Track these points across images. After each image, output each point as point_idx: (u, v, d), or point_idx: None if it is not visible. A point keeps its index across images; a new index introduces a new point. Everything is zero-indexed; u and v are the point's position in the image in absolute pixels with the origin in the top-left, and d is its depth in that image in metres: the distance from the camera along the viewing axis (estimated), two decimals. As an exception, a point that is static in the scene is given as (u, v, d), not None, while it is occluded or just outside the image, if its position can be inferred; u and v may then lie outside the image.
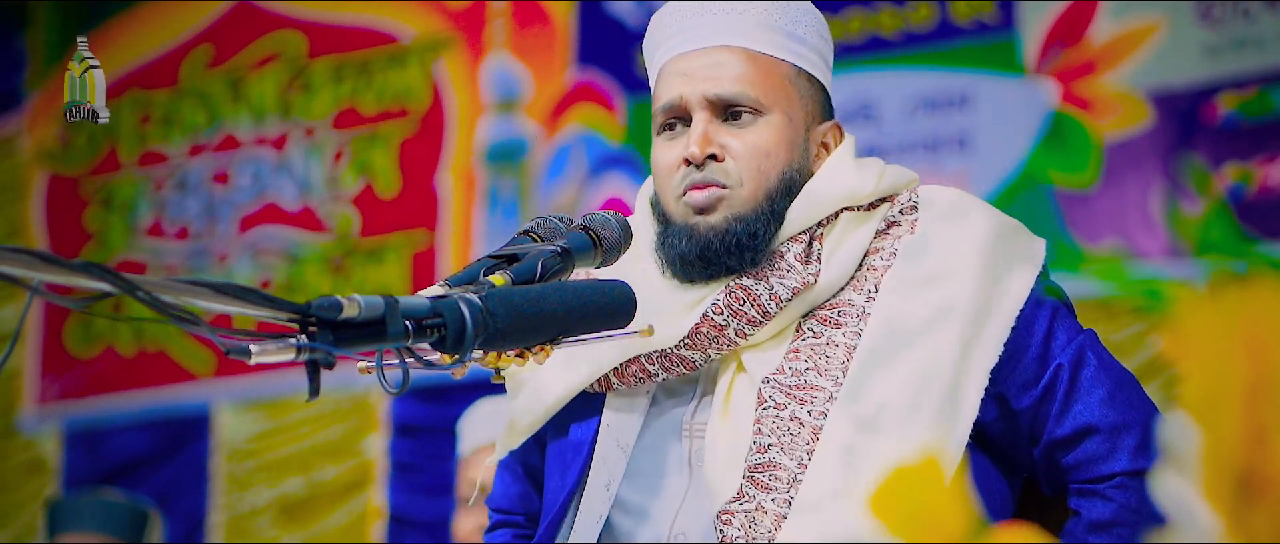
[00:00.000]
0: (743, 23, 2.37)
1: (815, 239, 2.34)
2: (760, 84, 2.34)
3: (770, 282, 2.29)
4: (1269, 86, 4.52)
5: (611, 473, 2.33)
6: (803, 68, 2.38)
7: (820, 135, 2.39)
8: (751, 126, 2.34)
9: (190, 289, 1.77)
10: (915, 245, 2.31)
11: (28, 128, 6.44)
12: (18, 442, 6.28)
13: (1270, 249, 4.39)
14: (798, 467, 2.22)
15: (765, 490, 2.22)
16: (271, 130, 6.06)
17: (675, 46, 2.40)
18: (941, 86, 4.92)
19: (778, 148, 2.33)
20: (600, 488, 2.33)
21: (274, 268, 5.98)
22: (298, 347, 1.81)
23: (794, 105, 2.36)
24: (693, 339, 2.29)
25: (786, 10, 2.39)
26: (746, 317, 2.28)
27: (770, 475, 2.22)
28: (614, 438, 2.35)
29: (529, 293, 2.02)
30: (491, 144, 5.66)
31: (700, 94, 2.34)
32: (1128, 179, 4.64)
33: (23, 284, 1.70)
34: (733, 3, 2.38)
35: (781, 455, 2.23)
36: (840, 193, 2.34)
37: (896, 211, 2.34)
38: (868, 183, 2.34)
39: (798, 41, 2.38)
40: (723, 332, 2.28)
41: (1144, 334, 4.57)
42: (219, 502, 5.94)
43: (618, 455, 2.34)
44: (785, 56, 2.37)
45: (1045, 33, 4.80)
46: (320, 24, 6.01)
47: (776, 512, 2.20)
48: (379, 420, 5.71)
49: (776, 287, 2.29)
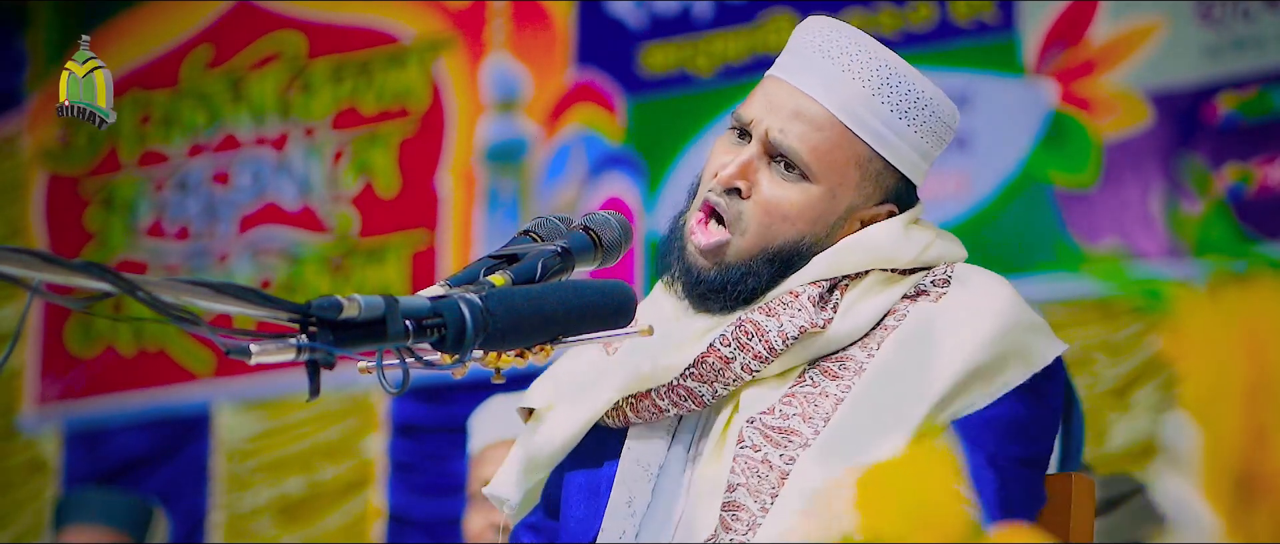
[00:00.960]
0: (848, 85, 2.33)
1: (837, 288, 2.32)
2: (823, 153, 2.31)
3: (781, 319, 2.28)
4: (1269, 86, 4.52)
5: (633, 491, 2.33)
6: (882, 154, 2.34)
7: (867, 215, 2.35)
8: (791, 184, 2.31)
9: (190, 289, 1.77)
10: (931, 314, 2.28)
11: (28, 128, 6.44)
12: (18, 442, 6.28)
13: (1270, 249, 4.40)
14: (760, 510, 2.21)
15: (728, 529, 2.22)
16: (271, 130, 6.06)
17: (785, 66, 2.39)
18: (941, 86, 4.91)
19: (800, 217, 2.31)
20: (622, 505, 2.33)
21: (274, 268, 5.98)
22: (298, 347, 1.82)
23: (847, 186, 2.33)
24: (698, 370, 2.28)
25: (904, 92, 2.35)
26: (753, 351, 2.27)
27: (734, 515, 2.22)
28: (635, 457, 2.34)
29: (529, 293, 2.02)
30: (491, 144, 5.66)
31: (765, 128, 2.32)
32: (1128, 179, 4.64)
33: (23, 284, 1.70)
34: (854, 61, 2.34)
35: (747, 497, 2.23)
36: (878, 253, 2.32)
37: (929, 282, 2.31)
38: (908, 251, 2.32)
39: (893, 128, 2.33)
40: (729, 365, 2.27)
41: (1144, 334, 4.57)
42: (219, 502, 5.94)
43: (638, 473, 2.33)
44: (867, 137, 2.32)
45: (1045, 33, 4.80)
46: (320, 24, 6.01)
47: None
48: (379, 420, 5.71)
49: (786, 324, 2.27)
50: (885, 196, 2.36)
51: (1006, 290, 2.30)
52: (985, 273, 2.34)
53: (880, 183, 2.35)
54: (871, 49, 2.36)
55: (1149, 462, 4.43)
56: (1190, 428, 1.07)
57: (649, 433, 2.35)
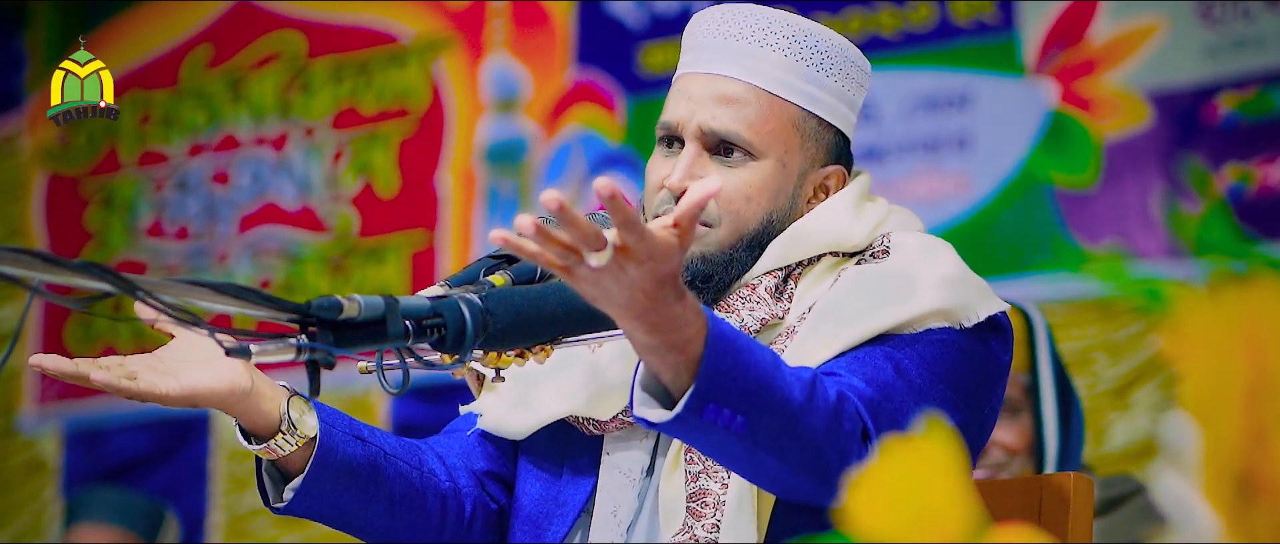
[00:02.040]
0: (762, 57, 2.32)
1: (791, 277, 2.32)
2: (759, 126, 2.31)
3: (742, 314, 2.28)
4: (1269, 86, 4.52)
5: (617, 501, 2.32)
6: (814, 112, 2.33)
7: (819, 179, 2.36)
8: (740, 168, 2.31)
9: (190, 289, 1.77)
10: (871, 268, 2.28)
11: (28, 128, 6.44)
12: (18, 442, 6.28)
13: (1270, 249, 4.39)
14: (721, 488, 2.22)
15: (697, 518, 2.22)
16: (271, 130, 6.06)
17: (693, 62, 2.37)
18: (941, 86, 4.92)
19: (760, 194, 2.31)
20: (607, 515, 2.32)
21: (274, 268, 5.98)
22: (298, 347, 1.82)
23: (792, 151, 2.32)
24: None
25: (815, 47, 2.34)
26: None
27: (701, 503, 2.22)
28: (616, 465, 2.34)
29: (529, 293, 2.02)
30: (491, 144, 5.66)
31: (696, 123, 2.32)
32: (1128, 179, 4.64)
33: (23, 284, 1.70)
34: (759, 32, 2.33)
35: (708, 481, 2.23)
36: (828, 237, 2.32)
37: (869, 254, 2.31)
38: (861, 230, 2.32)
39: (817, 83, 2.33)
40: None
41: (1144, 334, 4.57)
42: (219, 502, 5.94)
43: (621, 482, 2.33)
44: (797, 99, 2.32)
45: (1045, 33, 4.80)
46: (320, 24, 6.00)
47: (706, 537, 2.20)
48: (379, 420, 5.71)
49: (746, 318, 2.27)
50: (829, 156, 2.36)
51: (945, 249, 2.31)
52: (923, 236, 2.34)
53: (820, 142, 2.35)
54: (769, 16, 2.35)
55: (1149, 462, 4.42)
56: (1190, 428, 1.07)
57: (628, 439, 2.35)
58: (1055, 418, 3.63)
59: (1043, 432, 3.61)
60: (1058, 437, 3.62)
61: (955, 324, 2.24)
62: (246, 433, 2.26)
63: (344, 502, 2.27)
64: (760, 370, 2.00)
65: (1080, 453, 3.68)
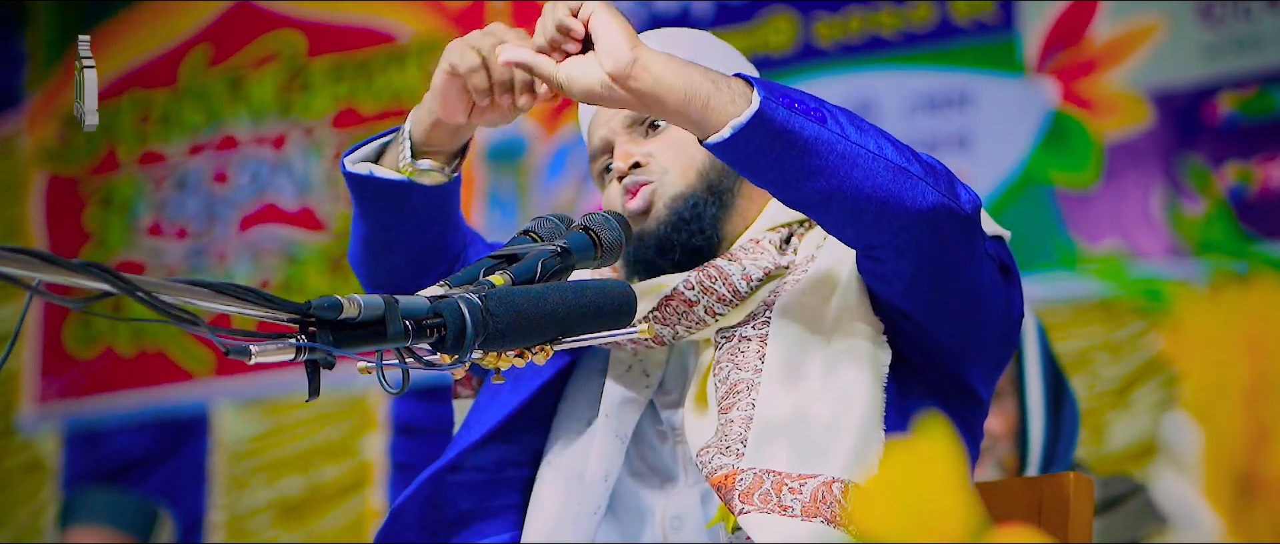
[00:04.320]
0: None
1: (795, 235, 2.37)
2: None
3: (744, 263, 2.31)
4: (1269, 86, 4.52)
5: (609, 465, 2.33)
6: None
7: None
8: (666, 129, 2.38)
9: (190, 289, 1.77)
10: None
11: (28, 128, 6.44)
12: (17, 442, 6.28)
13: (1270, 249, 4.39)
14: (753, 373, 2.24)
15: (729, 410, 2.23)
16: (271, 130, 6.06)
17: (587, 110, 2.47)
18: (941, 86, 4.92)
19: (693, 140, 2.33)
20: (598, 479, 2.33)
21: (273, 268, 5.98)
22: (298, 347, 1.82)
23: None
24: (662, 312, 2.30)
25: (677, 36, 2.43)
26: (717, 294, 2.29)
27: (732, 395, 2.24)
28: (613, 429, 2.35)
29: (529, 293, 2.02)
30: (490, 144, 5.66)
31: (615, 124, 2.40)
32: (1128, 179, 4.64)
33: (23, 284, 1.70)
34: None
35: (736, 372, 2.25)
36: None
37: None
38: None
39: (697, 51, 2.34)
40: (692, 308, 2.29)
41: (1144, 334, 4.57)
42: (218, 502, 5.94)
43: (617, 447, 2.34)
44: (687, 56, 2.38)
45: (1045, 33, 4.80)
46: (319, 24, 6.00)
47: (743, 417, 2.21)
48: (378, 420, 5.71)
49: (749, 268, 2.31)
50: None
51: None
52: None
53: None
54: None
55: (1149, 462, 4.43)
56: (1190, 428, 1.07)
57: (624, 402, 2.36)
58: (1042, 408, 3.63)
59: (1027, 420, 3.62)
60: (1046, 428, 3.63)
61: None
62: None
63: None
64: None
65: (1072, 449, 3.68)
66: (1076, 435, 3.72)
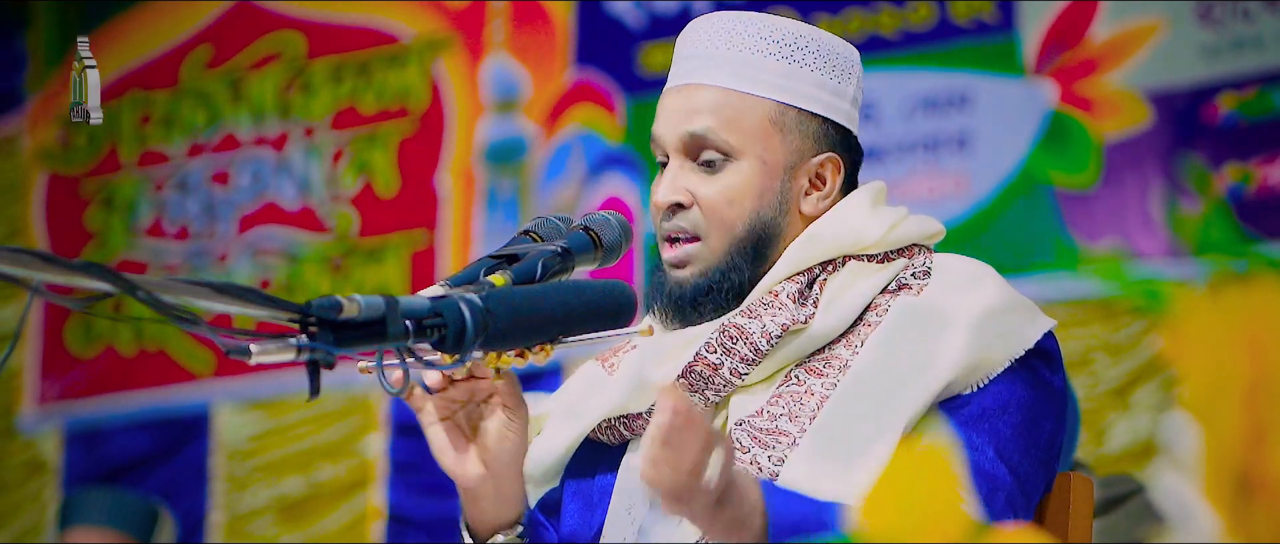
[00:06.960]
0: (730, 58, 2.33)
1: (816, 283, 2.31)
2: (731, 127, 2.31)
3: (763, 319, 2.26)
4: (1269, 86, 4.52)
5: (632, 498, 2.32)
6: (791, 104, 2.33)
7: (811, 170, 2.34)
8: (721, 172, 2.31)
9: (190, 289, 1.77)
10: (914, 306, 2.27)
11: (28, 128, 6.44)
12: (18, 442, 6.28)
13: (1270, 249, 4.39)
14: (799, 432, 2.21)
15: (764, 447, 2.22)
16: (271, 130, 6.06)
17: (671, 78, 2.40)
18: (941, 86, 4.92)
19: (743, 196, 2.30)
20: (622, 512, 2.32)
21: (274, 268, 5.98)
22: (298, 347, 1.82)
23: (773, 148, 2.31)
24: (687, 379, 2.26)
25: (786, 41, 2.33)
26: (739, 355, 2.25)
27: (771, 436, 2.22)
28: (632, 465, 2.33)
29: (529, 293, 2.02)
30: (491, 144, 5.66)
31: (673, 137, 2.34)
32: (1128, 179, 4.64)
33: (23, 284, 1.70)
34: (727, 36, 2.34)
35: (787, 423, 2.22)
36: (844, 238, 2.30)
37: (909, 274, 2.30)
38: (875, 231, 2.30)
39: (791, 76, 2.33)
40: (717, 371, 2.25)
41: (1144, 334, 4.57)
42: (218, 502, 5.94)
43: (636, 480, 2.33)
44: (769, 94, 2.32)
45: (1045, 33, 4.80)
46: (320, 24, 6.01)
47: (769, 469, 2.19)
48: (379, 420, 5.71)
49: (768, 324, 2.25)
50: (818, 145, 2.34)
51: (988, 275, 2.29)
52: (965, 260, 2.33)
53: (805, 132, 2.33)
54: (741, 19, 2.36)
55: (1149, 462, 4.43)
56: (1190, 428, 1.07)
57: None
58: None
59: None
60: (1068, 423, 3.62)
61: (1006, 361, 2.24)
62: None
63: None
64: None
65: (1072, 450, 3.68)
66: (1077, 435, 3.71)
